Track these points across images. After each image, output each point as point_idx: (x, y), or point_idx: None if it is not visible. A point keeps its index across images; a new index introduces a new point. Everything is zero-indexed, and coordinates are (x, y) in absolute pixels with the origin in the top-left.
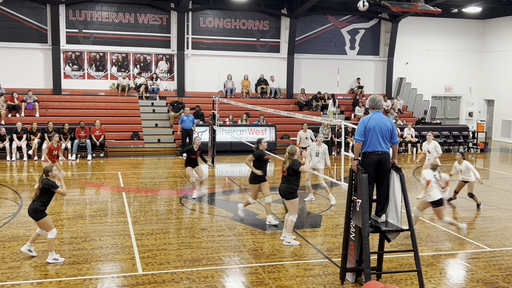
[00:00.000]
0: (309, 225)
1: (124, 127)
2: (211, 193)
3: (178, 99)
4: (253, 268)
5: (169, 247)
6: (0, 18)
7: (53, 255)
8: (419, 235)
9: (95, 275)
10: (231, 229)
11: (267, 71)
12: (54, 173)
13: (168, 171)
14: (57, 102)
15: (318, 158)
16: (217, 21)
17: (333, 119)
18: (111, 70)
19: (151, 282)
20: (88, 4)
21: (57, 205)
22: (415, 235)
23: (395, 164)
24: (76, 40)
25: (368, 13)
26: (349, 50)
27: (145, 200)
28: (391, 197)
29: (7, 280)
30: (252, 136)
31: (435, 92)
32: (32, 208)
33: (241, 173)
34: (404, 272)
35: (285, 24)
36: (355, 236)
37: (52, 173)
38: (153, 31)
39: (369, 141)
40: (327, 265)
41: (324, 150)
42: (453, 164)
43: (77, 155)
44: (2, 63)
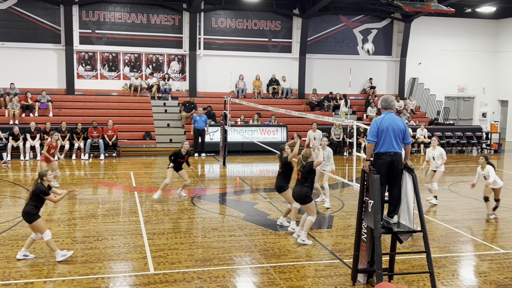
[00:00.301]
0: (321, 226)
1: (137, 127)
2: (222, 193)
3: (190, 99)
4: (264, 268)
5: (180, 246)
6: (15, 19)
7: (59, 253)
8: (431, 236)
9: (107, 274)
10: (242, 229)
11: (278, 71)
12: (49, 178)
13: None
14: (70, 102)
15: (323, 162)
16: (229, 22)
17: (345, 120)
18: (123, 70)
19: (163, 282)
20: (101, 5)
21: (70, 204)
22: (427, 236)
23: (408, 164)
24: (89, 41)
25: (381, 13)
26: (361, 50)
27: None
28: (403, 198)
29: (20, 278)
30: (263, 136)
31: (448, 92)
32: (25, 211)
33: (253, 173)
34: (416, 274)
35: (297, 24)
36: (366, 237)
37: (47, 178)
38: (165, 32)
39: (381, 141)
40: (339, 266)
41: (328, 154)
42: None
43: (90, 154)
44: (16, 64)
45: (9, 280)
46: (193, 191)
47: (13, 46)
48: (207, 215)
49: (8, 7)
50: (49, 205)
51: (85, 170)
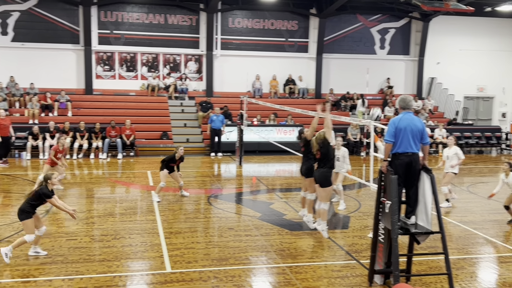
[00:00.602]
0: (337, 226)
1: (154, 127)
2: (239, 192)
3: (206, 99)
4: (280, 268)
5: (197, 245)
6: (34, 20)
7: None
8: (449, 237)
9: (125, 272)
10: (258, 229)
11: (295, 71)
12: (53, 181)
13: (197, 171)
14: (88, 102)
15: (338, 162)
16: (245, 22)
17: (362, 120)
18: (141, 70)
19: (179, 280)
20: (119, 5)
21: (88, 203)
22: (445, 237)
23: (426, 165)
24: (108, 41)
25: (399, 12)
26: (379, 49)
27: (173, 199)
28: (421, 198)
29: (39, 276)
30: (280, 136)
31: (467, 92)
32: (20, 208)
33: (269, 173)
34: (434, 275)
35: (313, 24)
36: (384, 238)
37: (52, 181)
38: (182, 32)
39: (399, 142)
40: (355, 267)
41: (343, 154)
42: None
43: (108, 154)
44: (36, 64)
45: (28, 277)
46: (210, 190)
47: (33, 47)
48: (223, 214)
49: (28, 8)
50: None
51: (103, 169)
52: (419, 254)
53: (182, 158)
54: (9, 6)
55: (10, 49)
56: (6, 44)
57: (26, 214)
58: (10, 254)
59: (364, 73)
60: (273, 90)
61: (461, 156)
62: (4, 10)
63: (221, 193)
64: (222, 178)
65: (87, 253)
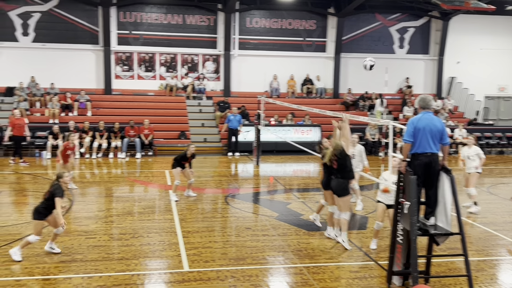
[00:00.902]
0: (355, 227)
1: (172, 127)
2: (256, 192)
3: (224, 99)
4: (297, 268)
5: (214, 245)
6: (55, 20)
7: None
8: (469, 239)
9: (143, 270)
10: (275, 228)
11: (313, 71)
12: (65, 180)
13: (214, 170)
14: (108, 102)
15: (354, 160)
16: (263, 21)
17: (380, 119)
18: (159, 70)
19: (197, 279)
20: (138, 6)
21: (107, 202)
22: (465, 239)
23: (445, 165)
24: (126, 41)
25: (418, 11)
26: (398, 49)
27: (191, 198)
28: (440, 199)
29: (58, 274)
30: (297, 136)
31: (487, 92)
32: (35, 208)
33: (286, 173)
34: (453, 277)
35: (332, 23)
36: (402, 239)
37: (63, 179)
38: (200, 32)
39: (418, 142)
40: (373, 268)
41: (360, 151)
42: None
43: (126, 153)
44: (56, 64)
45: (48, 275)
46: (227, 190)
47: (53, 47)
48: (241, 214)
49: (49, 9)
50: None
51: (122, 168)
52: (438, 256)
53: (193, 155)
54: (30, 7)
55: (31, 49)
56: (27, 44)
57: (38, 215)
58: (19, 252)
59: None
60: (291, 90)
61: (482, 156)
62: (25, 11)
63: (238, 193)
64: (239, 178)
65: (106, 251)
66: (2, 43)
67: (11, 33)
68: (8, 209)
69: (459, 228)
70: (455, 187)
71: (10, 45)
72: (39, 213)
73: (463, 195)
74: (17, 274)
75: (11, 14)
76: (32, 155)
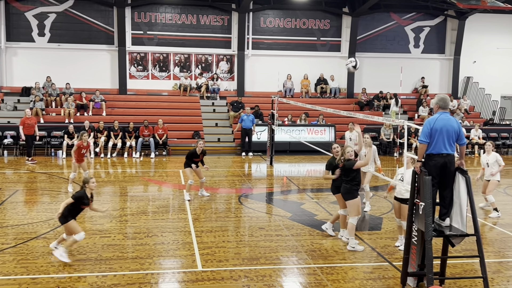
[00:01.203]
0: (369, 227)
1: (186, 126)
2: (269, 192)
3: (237, 99)
4: (311, 269)
5: (227, 244)
6: (70, 21)
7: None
8: (485, 240)
9: (157, 270)
10: (289, 229)
11: (327, 71)
12: (91, 185)
13: (228, 170)
14: (122, 102)
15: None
16: (277, 21)
17: (395, 119)
18: (173, 70)
19: (210, 279)
20: (153, 6)
21: (122, 201)
22: (481, 240)
23: (462, 166)
24: (141, 42)
25: (434, 10)
26: (413, 48)
27: (205, 198)
28: (456, 200)
29: (74, 272)
30: (311, 136)
31: (504, 92)
32: (61, 211)
33: (300, 173)
34: (468, 279)
35: (346, 23)
36: (417, 240)
37: (89, 185)
38: (214, 32)
39: (434, 142)
40: (388, 269)
41: (373, 152)
42: None
43: (141, 153)
44: (72, 64)
45: (63, 273)
46: (240, 190)
47: (68, 47)
48: (254, 214)
49: (64, 9)
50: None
51: (136, 168)
52: (453, 257)
53: (204, 152)
54: (46, 8)
55: (47, 50)
56: (43, 45)
57: (64, 218)
58: (64, 254)
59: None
60: (305, 89)
61: (502, 163)
62: (41, 12)
63: (252, 193)
64: (252, 178)
65: (120, 250)
66: (19, 43)
67: (28, 33)
68: (24, 208)
69: (474, 229)
70: (470, 188)
71: (27, 45)
72: (65, 217)
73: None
74: (32, 272)
75: (28, 15)
76: (48, 154)
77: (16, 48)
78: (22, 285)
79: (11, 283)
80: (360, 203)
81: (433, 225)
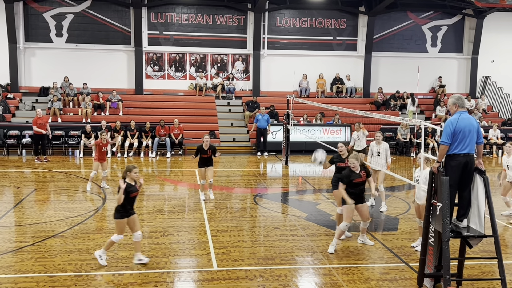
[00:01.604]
0: (386, 228)
1: (201, 126)
2: (285, 192)
3: (253, 98)
4: (326, 269)
5: (243, 244)
6: (88, 22)
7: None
8: (503, 241)
9: (173, 268)
10: (304, 229)
11: (343, 70)
12: (133, 175)
13: (243, 170)
14: (139, 102)
15: (379, 157)
16: (293, 21)
17: (412, 119)
18: (189, 70)
19: (226, 278)
20: (169, 7)
21: (138, 200)
22: (499, 241)
23: (480, 165)
24: (157, 42)
25: (451, 9)
26: (430, 47)
27: (220, 197)
28: (473, 201)
29: (90, 271)
30: (326, 136)
31: None
32: (115, 206)
33: (315, 173)
34: (486, 280)
35: (362, 22)
36: (434, 241)
37: (131, 175)
38: (230, 32)
39: (457, 142)
40: (404, 270)
41: (385, 149)
42: None
43: (157, 152)
44: (89, 64)
45: (80, 271)
46: (256, 189)
47: (86, 48)
48: (269, 214)
49: (82, 10)
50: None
51: (153, 167)
52: (471, 258)
53: (212, 148)
54: (63, 8)
55: (65, 50)
56: (60, 45)
57: (116, 213)
58: (104, 256)
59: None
60: (320, 89)
61: None
62: (59, 13)
63: (267, 193)
64: (268, 178)
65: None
66: (37, 44)
67: (46, 34)
68: (42, 206)
69: (492, 230)
70: (488, 188)
71: (45, 46)
72: (117, 211)
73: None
74: (50, 270)
75: (46, 16)
76: (65, 154)
77: (35, 49)
78: (40, 283)
79: (29, 281)
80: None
81: (450, 226)
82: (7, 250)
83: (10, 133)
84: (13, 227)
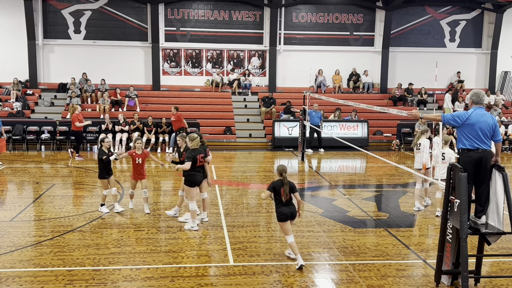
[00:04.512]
0: (403, 225)
1: (218, 122)
2: (301, 188)
3: (269, 94)
4: (343, 265)
5: (259, 240)
6: (105, 18)
7: (192, 224)
8: None
9: (189, 263)
10: (320, 225)
11: (360, 65)
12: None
13: (259, 165)
14: (156, 98)
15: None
16: (309, 16)
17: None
18: (206, 66)
19: (242, 274)
20: (185, 3)
21: (155, 196)
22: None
23: (498, 163)
24: (174, 38)
25: (470, 3)
26: (448, 42)
27: (236, 193)
28: (492, 197)
29: (108, 265)
30: (343, 132)
31: None
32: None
33: (331, 169)
34: (505, 278)
35: (380, 17)
36: (452, 238)
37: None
38: (246, 28)
39: (467, 137)
40: (421, 266)
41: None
42: None
43: (173, 148)
44: (107, 61)
45: (98, 266)
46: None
47: (104, 44)
48: None
49: (99, 7)
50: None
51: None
52: (489, 255)
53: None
54: (81, 5)
55: (83, 46)
56: (78, 42)
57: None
58: (194, 225)
59: (432, 66)
60: (337, 84)
61: None
62: (77, 9)
63: None
64: None
65: (154, 244)
66: (55, 40)
67: (64, 30)
68: (61, 201)
69: (511, 227)
70: (507, 185)
71: (63, 42)
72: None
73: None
74: (69, 264)
75: (64, 13)
76: (84, 149)
77: (53, 45)
78: (59, 277)
79: (48, 274)
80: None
81: (468, 222)
82: (27, 244)
83: (29, 129)
84: (33, 222)
